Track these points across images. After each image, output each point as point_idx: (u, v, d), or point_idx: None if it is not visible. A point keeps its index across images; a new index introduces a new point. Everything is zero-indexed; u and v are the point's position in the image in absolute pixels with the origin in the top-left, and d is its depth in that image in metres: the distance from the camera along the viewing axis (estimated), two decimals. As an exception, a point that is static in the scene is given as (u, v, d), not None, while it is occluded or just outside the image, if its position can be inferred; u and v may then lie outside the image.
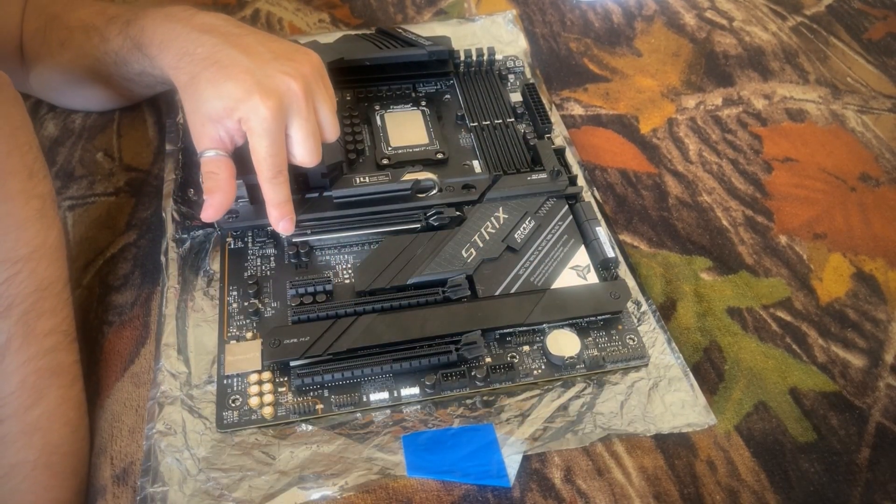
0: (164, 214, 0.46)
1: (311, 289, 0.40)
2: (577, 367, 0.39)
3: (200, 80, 0.37)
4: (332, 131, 0.41)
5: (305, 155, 0.39)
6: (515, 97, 0.55)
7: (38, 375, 0.34)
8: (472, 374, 0.38)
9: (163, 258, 0.43)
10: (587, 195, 0.49)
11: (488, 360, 0.39)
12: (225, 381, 0.38)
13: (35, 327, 0.34)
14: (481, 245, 0.43)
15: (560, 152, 0.48)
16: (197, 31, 0.39)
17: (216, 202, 0.38)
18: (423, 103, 0.53)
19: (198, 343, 0.40)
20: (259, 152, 0.38)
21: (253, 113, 0.36)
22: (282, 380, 0.38)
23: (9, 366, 0.33)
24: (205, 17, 0.40)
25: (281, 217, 0.40)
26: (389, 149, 0.49)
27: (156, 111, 0.54)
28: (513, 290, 0.41)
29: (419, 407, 0.38)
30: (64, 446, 0.35)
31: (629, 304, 0.43)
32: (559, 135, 0.54)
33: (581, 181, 0.49)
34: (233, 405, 0.37)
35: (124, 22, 0.43)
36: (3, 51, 0.46)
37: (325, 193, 0.44)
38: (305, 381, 0.37)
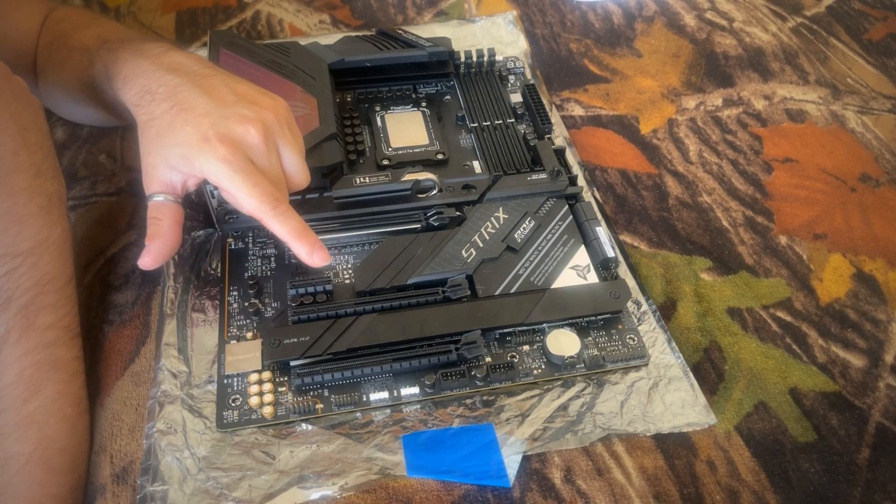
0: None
1: (311, 289, 0.40)
2: (577, 366, 0.39)
3: (159, 122, 0.36)
4: (300, 178, 0.39)
5: None
6: (515, 98, 0.55)
7: (35, 369, 0.34)
8: (472, 373, 0.38)
9: (163, 258, 0.44)
10: (587, 195, 0.49)
11: (488, 359, 0.39)
12: (225, 381, 0.38)
13: (35, 321, 0.34)
14: (481, 245, 0.43)
15: (560, 153, 0.48)
16: (162, 69, 0.37)
17: (154, 249, 0.36)
18: (424, 104, 0.53)
19: (198, 343, 0.40)
20: (236, 195, 0.35)
21: (209, 161, 0.35)
22: (282, 379, 0.38)
23: (6, 358, 0.33)
24: (175, 56, 0.38)
25: (311, 248, 0.37)
26: (390, 149, 0.49)
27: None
28: (513, 290, 0.41)
29: (419, 407, 0.38)
30: (60, 441, 0.35)
31: (629, 303, 0.43)
32: (559, 135, 0.54)
33: (581, 181, 0.49)
34: (233, 405, 0.37)
35: (108, 49, 0.41)
36: (20, 60, 0.46)
37: (326, 194, 0.44)
38: (305, 380, 0.37)
